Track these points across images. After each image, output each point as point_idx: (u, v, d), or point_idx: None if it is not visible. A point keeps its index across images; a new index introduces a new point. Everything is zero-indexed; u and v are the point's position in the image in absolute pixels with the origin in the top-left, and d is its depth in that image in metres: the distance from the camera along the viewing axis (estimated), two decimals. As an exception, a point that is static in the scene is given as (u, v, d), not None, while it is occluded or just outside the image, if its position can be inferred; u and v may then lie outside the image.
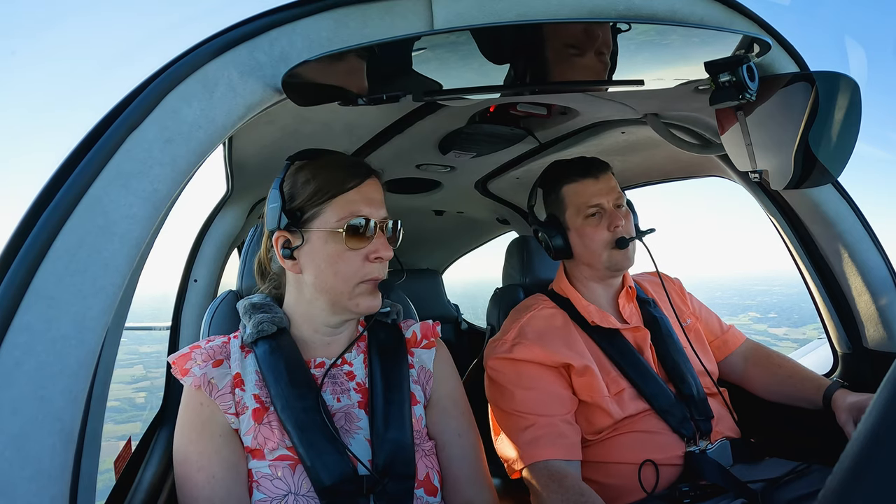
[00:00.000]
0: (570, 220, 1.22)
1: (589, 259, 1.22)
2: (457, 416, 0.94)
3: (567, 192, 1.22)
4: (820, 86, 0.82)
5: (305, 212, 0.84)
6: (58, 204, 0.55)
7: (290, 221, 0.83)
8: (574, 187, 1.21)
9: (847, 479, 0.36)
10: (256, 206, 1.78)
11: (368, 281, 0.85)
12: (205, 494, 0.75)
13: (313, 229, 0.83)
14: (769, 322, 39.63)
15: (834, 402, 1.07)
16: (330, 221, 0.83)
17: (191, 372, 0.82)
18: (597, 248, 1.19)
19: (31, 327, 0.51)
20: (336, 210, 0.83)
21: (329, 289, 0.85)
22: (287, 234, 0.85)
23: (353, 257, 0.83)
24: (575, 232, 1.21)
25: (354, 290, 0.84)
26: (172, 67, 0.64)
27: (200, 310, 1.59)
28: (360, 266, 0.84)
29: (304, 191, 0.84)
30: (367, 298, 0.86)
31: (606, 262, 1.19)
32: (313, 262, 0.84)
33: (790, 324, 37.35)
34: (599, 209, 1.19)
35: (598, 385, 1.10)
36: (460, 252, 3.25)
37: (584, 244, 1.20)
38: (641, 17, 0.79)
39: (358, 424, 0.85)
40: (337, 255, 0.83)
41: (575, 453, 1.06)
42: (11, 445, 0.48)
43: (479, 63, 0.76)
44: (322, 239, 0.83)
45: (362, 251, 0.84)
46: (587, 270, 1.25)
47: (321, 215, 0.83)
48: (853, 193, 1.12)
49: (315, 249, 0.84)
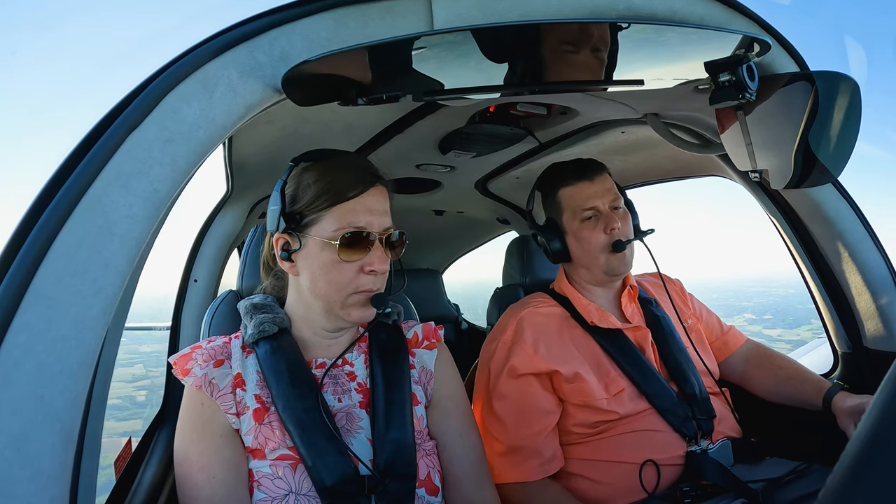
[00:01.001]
0: (567, 224, 1.22)
1: (587, 262, 1.22)
2: (458, 417, 0.94)
3: (563, 195, 1.22)
4: (820, 86, 0.82)
5: (304, 217, 0.83)
6: (58, 204, 0.55)
7: (288, 225, 0.83)
8: (570, 191, 1.21)
9: (847, 479, 0.36)
10: (256, 206, 1.78)
11: (361, 293, 0.84)
12: (205, 494, 0.75)
13: (310, 235, 0.83)
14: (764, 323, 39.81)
15: (834, 404, 1.06)
16: (327, 230, 0.82)
17: (192, 372, 0.82)
18: (594, 252, 1.19)
19: (31, 327, 0.51)
20: (334, 219, 0.82)
21: (322, 295, 0.85)
22: (286, 236, 0.85)
23: (346, 268, 0.82)
24: (572, 235, 1.22)
25: (347, 300, 0.84)
26: (172, 67, 0.64)
27: (200, 310, 1.59)
28: (354, 277, 0.83)
29: (304, 195, 0.84)
30: (359, 310, 0.85)
31: (604, 267, 1.19)
32: (309, 267, 0.84)
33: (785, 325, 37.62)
34: (595, 212, 1.19)
35: (590, 389, 1.10)
36: (460, 252, 3.25)
37: (581, 248, 1.21)
38: (641, 17, 0.78)
39: (359, 424, 0.85)
40: (331, 264, 0.82)
41: (550, 468, 1.10)
42: (11, 445, 0.48)
43: (479, 63, 0.76)
44: (318, 246, 0.83)
45: (357, 263, 0.83)
46: (586, 274, 1.25)
47: (319, 222, 0.83)
48: (853, 193, 1.12)
49: (311, 255, 0.84)
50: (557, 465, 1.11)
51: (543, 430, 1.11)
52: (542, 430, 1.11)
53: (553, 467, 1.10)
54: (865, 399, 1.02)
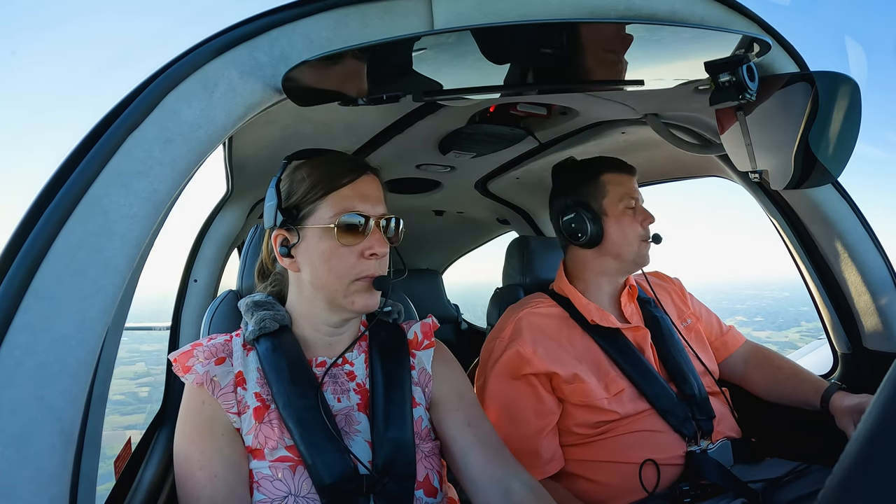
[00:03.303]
0: (608, 207, 1.21)
1: (619, 249, 1.21)
2: (464, 408, 0.91)
3: (609, 179, 1.23)
4: (820, 86, 0.82)
5: (301, 209, 0.84)
6: (58, 204, 0.55)
7: (285, 219, 0.84)
8: (616, 177, 1.23)
9: (847, 479, 0.36)
10: (256, 206, 1.78)
11: (364, 278, 0.84)
12: (206, 493, 0.75)
13: (308, 226, 0.84)
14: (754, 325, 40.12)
15: (832, 404, 1.07)
16: (324, 218, 0.83)
17: (193, 369, 0.82)
18: (632, 239, 1.20)
19: (31, 327, 0.51)
20: (330, 206, 0.83)
21: (324, 286, 0.84)
22: (284, 232, 0.86)
23: (346, 254, 0.83)
24: (614, 220, 1.21)
25: (349, 287, 0.84)
26: (172, 67, 0.64)
27: (200, 310, 1.59)
28: (355, 263, 0.83)
29: (299, 188, 0.85)
30: (363, 297, 0.85)
31: (635, 255, 1.21)
32: (309, 259, 0.84)
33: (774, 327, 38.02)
34: (636, 203, 1.22)
35: (589, 389, 1.10)
36: (460, 252, 3.25)
37: (622, 233, 1.20)
38: (641, 17, 0.78)
39: (357, 427, 0.85)
40: (331, 251, 0.83)
41: (550, 468, 1.09)
42: (11, 445, 0.48)
43: (480, 63, 0.76)
44: (316, 236, 0.83)
45: (356, 248, 0.83)
46: (610, 262, 1.23)
47: (316, 212, 0.84)
48: (853, 194, 1.12)
49: (310, 246, 0.84)
50: (557, 465, 1.11)
51: (541, 430, 1.11)
52: (539, 430, 1.11)
53: (553, 468, 1.10)
54: (864, 398, 1.03)
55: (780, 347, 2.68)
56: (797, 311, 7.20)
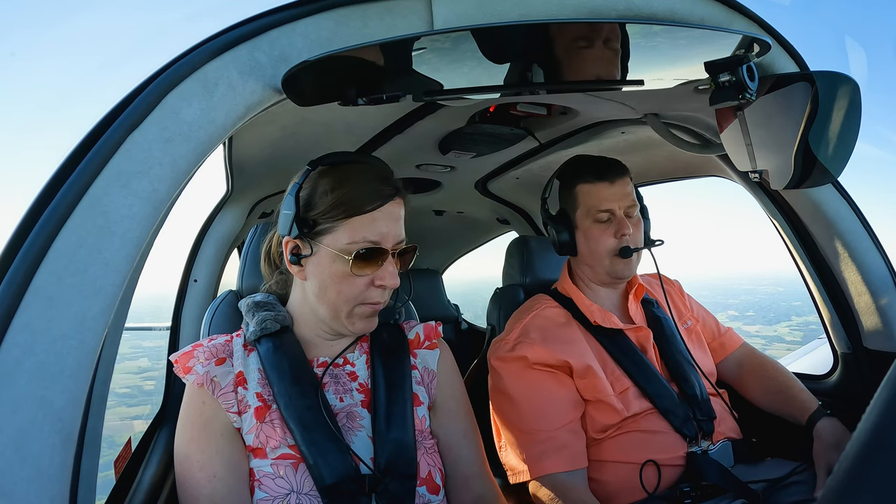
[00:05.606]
0: (579, 220, 1.21)
1: (591, 262, 1.21)
2: (461, 418, 0.95)
3: (581, 191, 1.21)
4: (820, 86, 0.82)
5: (318, 224, 0.82)
6: (58, 204, 0.55)
7: (300, 231, 0.82)
8: (588, 188, 1.20)
9: (847, 479, 0.36)
10: (256, 206, 1.78)
11: (368, 304, 0.84)
12: (206, 493, 0.75)
13: (323, 244, 0.82)
14: (744, 320, 40.26)
15: (816, 432, 1.06)
16: (341, 242, 0.81)
17: (193, 370, 0.82)
18: (600, 253, 1.18)
19: (31, 327, 0.51)
20: (349, 232, 0.80)
21: (329, 304, 0.84)
22: (297, 241, 0.84)
23: (357, 281, 0.82)
24: (582, 232, 1.21)
25: (353, 310, 0.84)
26: (172, 67, 0.64)
27: (200, 310, 1.59)
28: (363, 290, 0.83)
29: (321, 202, 0.82)
30: (363, 321, 0.86)
31: (608, 269, 1.19)
32: (318, 275, 0.83)
33: (764, 322, 38.23)
34: (610, 214, 1.18)
35: (601, 384, 1.10)
36: (460, 252, 3.25)
37: (588, 246, 1.20)
38: (641, 17, 0.78)
39: (360, 423, 0.85)
40: (341, 276, 0.82)
41: (579, 462, 1.07)
42: (11, 445, 0.48)
43: (479, 63, 0.76)
44: (330, 257, 0.82)
45: (368, 277, 0.83)
46: (589, 272, 1.24)
47: (333, 232, 0.81)
48: (853, 194, 1.12)
49: (321, 263, 0.83)
50: (584, 462, 1.08)
51: (571, 420, 1.08)
52: (569, 420, 1.08)
53: (581, 462, 1.07)
54: (844, 437, 1.01)
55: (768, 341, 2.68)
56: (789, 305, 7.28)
